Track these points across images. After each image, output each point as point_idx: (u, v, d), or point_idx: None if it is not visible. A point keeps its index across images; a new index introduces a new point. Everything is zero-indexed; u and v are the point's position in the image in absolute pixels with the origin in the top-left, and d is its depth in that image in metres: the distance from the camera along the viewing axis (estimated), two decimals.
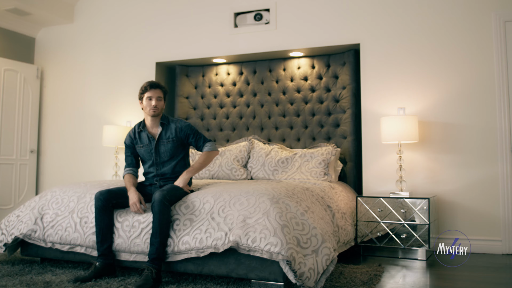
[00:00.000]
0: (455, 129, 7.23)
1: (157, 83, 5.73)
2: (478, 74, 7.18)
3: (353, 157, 7.96)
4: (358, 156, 8.01)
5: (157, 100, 5.64)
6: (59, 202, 5.92)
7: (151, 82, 5.71)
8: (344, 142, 8.03)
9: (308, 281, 4.39)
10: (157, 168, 5.75)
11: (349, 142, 7.97)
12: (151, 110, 5.63)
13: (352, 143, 7.96)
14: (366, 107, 7.77)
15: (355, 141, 7.97)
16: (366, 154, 7.74)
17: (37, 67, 10.16)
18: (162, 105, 5.72)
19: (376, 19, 7.80)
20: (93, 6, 10.01)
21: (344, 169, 8.00)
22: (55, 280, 5.06)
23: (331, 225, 5.74)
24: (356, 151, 7.99)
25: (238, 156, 7.96)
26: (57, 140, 10.13)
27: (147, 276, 4.75)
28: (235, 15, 8.76)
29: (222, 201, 5.09)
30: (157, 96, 5.64)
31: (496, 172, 7.02)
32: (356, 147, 8.00)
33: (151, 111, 5.63)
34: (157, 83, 5.74)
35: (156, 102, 5.62)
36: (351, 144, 7.96)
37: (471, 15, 7.27)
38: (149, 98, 5.63)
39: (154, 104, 5.61)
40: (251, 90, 8.86)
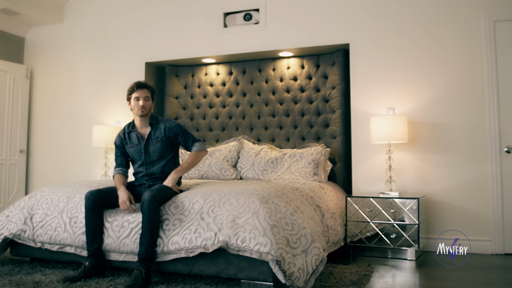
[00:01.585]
0: (445, 129, 7.25)
1: (144, 83, 5.75)
2: (467, 74, 7.20)
3: (343, 157, 7.97)
4: (347, 156, 8.02)
5: (145, 100, 5.65)
6: (49, 202, 5.92)
7: (138, 82, 5.72)
8: (334, 142, 8.04)
9: (297, 281, 4.40)
10: (147, 168, 5.76)
11: (338, 142, 7.98)
12: (139, 110, 5.64)
13: (342, 143, 7.97)
14: (355, 107, 7.78)
15: (344, 141, 7.98)
16: (356, 154, 7.75)
17: (27, 67, 10.13)
18: (150, 105, 5.73)
19: (365, 19, 7.82)
20: (83, 6, 9.99)
21: (334, 169, 8.01)
22: (45, 280, 5.06)
23: (321, 225, 5.75)
24: (345, 151, 7.99)
25: (228, 156, 7.96)
26: (46, 140, 10.11)
27: (136, 276, 4.75)
28: (225, 15, 8.76)
29: (212, 201, 5.10)
30: (145, 96, 5.65)
31: (486, 172, 7.04)
32: (346, 147, 8.00)
33: (139, 111, 5.65)
34: (144, 83, 5.75)
35: (143, 102, 5.63)
36: (340, 144, 7.97)
37: (460, 15, 7.29)
38: (137, 98, 5.64)
39: (141, 104, 5.63)
40: (241, 90, 8.87)
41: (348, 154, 8.01)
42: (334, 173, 8.01)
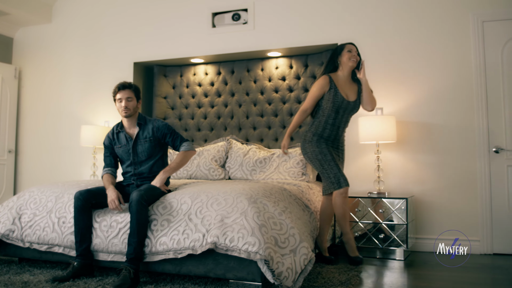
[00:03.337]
0: (433, 129, 7.28)
1: (126, 84, 5.76)
2: (456, 74, 7.24)
3: None
4: None
5: (127, 101, 5.66)
6: (37, 202, 5.92)
7: (120, 84, 5.74)
8: None
9: (286, 281, 4.41)
10: (135, 168, 5.77)
11: None
12: (123, 111, 5.68)
13: None
14: None
15: None
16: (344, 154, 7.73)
17: (15, 67, 10.09)
18: (134, 105, 5.74)
19: (353, 19, 7.84)
20: (71, 6, 9.97)
21: None
22: (33, 280, 5.07)
23: (309, 225, 5.76)
24: None
25: (216, 156, 7.96)
26: (35, 140, 10.08)
27: (125, 276, 4.76)
28: (213, 15, 8.76)
29: (200, 202, 5.11)
30: (127, 97, 5.66)
31: (474, 172, 7.07)
32: None
33: (123, 112, 5.68)
34: (125, 83, 5.76)
35: (126, 103, 5.65)
36: None
37: (449, 15, 7.32)
38: (120, 100, 5.67)
39: (124, 105, 5.65)
40: (229, 90, 8.88)
41: None
42: None
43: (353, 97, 6.28)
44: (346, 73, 6.33)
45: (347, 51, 6.25)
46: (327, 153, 6.04)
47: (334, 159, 6.03)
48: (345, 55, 6.27)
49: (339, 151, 6.35)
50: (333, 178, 5.94)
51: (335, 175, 5.91)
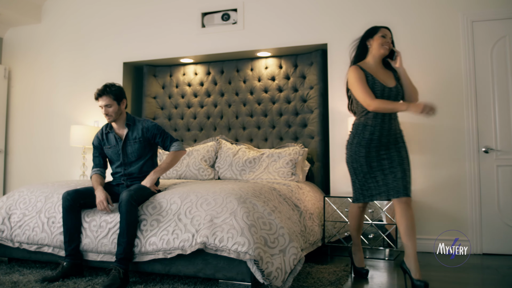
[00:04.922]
0: (423, 129, 7.30)
1: (102, 91, 5.67)
2: (445, 74, 7.28)
3: (321, 157, 8.01)
4: (325, 156, 8.06)
5: (107, 108, 5.65)
6: (27, 202, 5.91)
7: (97, 92, 5.69)
8: (312, 142, 8.07)
9: (275, 281, 4.42)
10: (125, 168, 5.78)
11: (316, 142, 8.02)
12: (106, 118, 5.71)
13: (320, 143, 8.01)
14: (333, 107, 7.81)
15: (322, 141, 8.03)
16: (334, 154, 7.77)
17: (5, 67, 10.06)
18: (115, 109, 5.69)
19: (343, 19, 7.85)
20: (61, 7, 9.95)
21: (312, 169, 8.03)
22: (23, 280, 5.06)
23: (299, 225, 5.76)
24: (323, 151, 8.04)
25: (206, 156, 7.96)
26: (24, 140, 10.05)
27: (114, 276, 4.76)
28: (203, 15, 8.76)
29: (189, 202, 5.12)
30: (105, 104, 5.63)
31: (464, 173, 7.12)
32: (324, 147, 8.06)
33: (107, 119, 5.71)
34: (101, 90, 5.68)
35: (105, 110, 5.65)
36: (318, 144, 8.00)
37: (438, 15, 7.34)
38: (101, 107, 5.67)
39: (104, 112, 5.66)
40: (219, 90, 8.89)
41: (326, 154, 8.06)
42: (312, 173, 8.03)
43: (392, 83, 5.35)
44: (377, 60, 5.40)
45: (381, 36, 5.31)
46: (364, 164, 5.23)
47: (369, 172, 5.24)
48: (377, 40, 5.33)
49: (392, 150, 5.24)
50: (353, 189, 5.44)
51: (355, 189, 5.41)
